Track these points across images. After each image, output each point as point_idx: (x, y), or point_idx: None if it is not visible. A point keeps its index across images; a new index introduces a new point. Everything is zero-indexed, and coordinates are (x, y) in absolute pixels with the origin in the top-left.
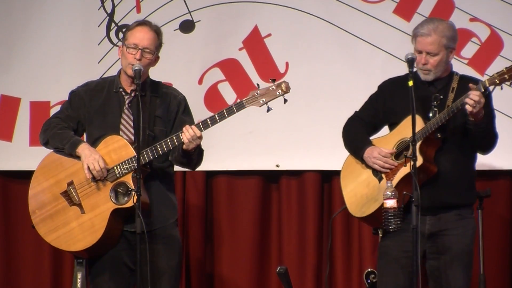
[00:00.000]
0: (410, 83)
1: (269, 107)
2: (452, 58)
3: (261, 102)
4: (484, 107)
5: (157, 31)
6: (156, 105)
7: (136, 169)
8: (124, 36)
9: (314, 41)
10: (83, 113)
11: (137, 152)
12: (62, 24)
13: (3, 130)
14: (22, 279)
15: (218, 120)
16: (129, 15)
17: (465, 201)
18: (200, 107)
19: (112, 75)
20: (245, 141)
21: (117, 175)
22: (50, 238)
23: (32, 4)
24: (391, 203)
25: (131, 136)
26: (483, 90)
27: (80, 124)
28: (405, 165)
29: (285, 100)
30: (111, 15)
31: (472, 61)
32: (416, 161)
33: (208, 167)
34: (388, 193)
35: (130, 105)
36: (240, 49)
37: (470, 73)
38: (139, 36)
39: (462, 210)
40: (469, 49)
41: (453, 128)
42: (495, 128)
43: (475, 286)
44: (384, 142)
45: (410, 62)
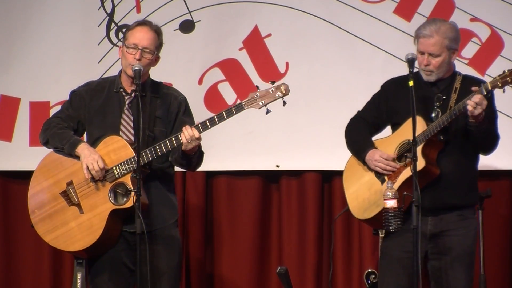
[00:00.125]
0: (411, 83)
1: (268, 109)
2: (455, 59)
3: (260, 104)
4: (486, 109)
5: (157, 31)
6: (157, 106)
7: (135, 170)
8: (124, 36)
9: (314, 41)
10: (84, 113)
11: (137, 153)
12: (62, 24)
13: (3, 130)
14: (22, 280)
15: (217, 122)
16: (129, 15)
17: (467, 202)
18: (200, 107)
19: (113, 75)
20: (245, 141)
21: (116, 176)
22: (49, 238)
23: (32, 4)
24: (392, 204)
25: (131, 137)
26: (486, 93)
27: (81, 124)
28: (405, 165)
29: (284, 103)
30: (111, 15)
31: (473, 61)
32: (417, 162)
33: (208, 167)
34: (389, 194)
35: (131, 106)
36: (240, 49)
37: (471, 74)
38: (139, 36)
39: (464, 211)
40: (470, 49)
41: (455, 130)
42: (497, 129)
43: (476, 286)
44: (387, 144)
45: (411, 62)
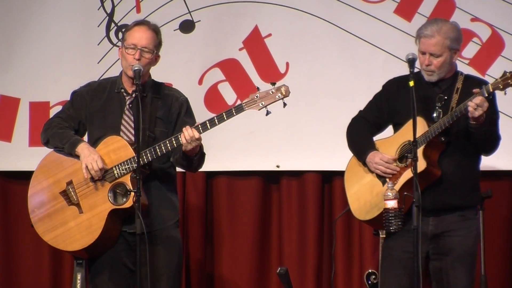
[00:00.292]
0: (411, 84)
1: (268, 111)
2: (456, 59)
3: (260, 106)
4: (487, 110)
5: (156, 30)
6: (158, 106)
7: (135, 170)
8: (123, 37)
9: (315, 41)
10: (85, 113)
11: (137, 153)
12: (62, 24)
13: (3, 131)
14: (22, 280)
15: (217, 123)
16: (129, 15)
17: (469, 203)
18: (200, 108)
19: (115, 76)
20: (246, 142)
21: (116, 176)
22: (48, 237)
23: (32, 4)
24: (392, 204)
25: (132, 137)
26: (487, 95)
27: (82, 124)
28: (406, 165)
29: (285, 104)
30: (111, 15)
31: (473, 61)
32: (417, 162)
33: (208, 168)
34: (389, 194)
35: (131, 106)
36: (240, 49)
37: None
38: (137, 36)
39: (466, 211)
40: (470, 49)
41: (457, 131)
42: (498, 130)
43: (477, 287)
44: (388, 144)
45: (411, 62)
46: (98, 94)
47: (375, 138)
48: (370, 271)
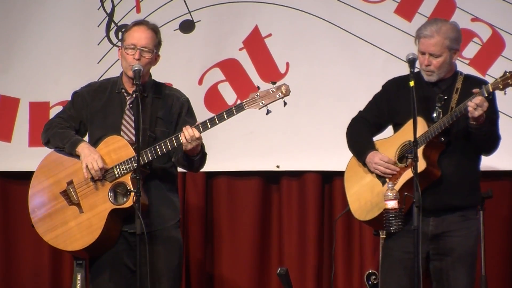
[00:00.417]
0: (411, 84)
1: (269, 110)
2: (456, 59)
3: (261, 105)
4: (487, 110)
5: (155, 30)
6: (158, 106)
7: (135, 170)
8: (122, 38)
9: (315, 41)
10: (85, 113)
11: (137, 153)
12: (62, 24)
13: (2, 131)
14: (22, 280)
15: (217, 122)
16: (129, 15)
17: (469, 203)
18: (200, 108)
19: (115, 76)
20: (246, 142)
21: (116, 175)
22: (48, 237)
23: (32, 4)
24: (392, 204)
25: (132, 137)
26: (487, 95)
27: (83, 125)
28: (406, 165)
29: (285, 103)
30: (111, 15)
31: (474, 62)
32: (418, 162)
33: (208, 168)
34: (389, 194)
35: (132, 106)
36: (241, 49)
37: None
38: (137, 36)
39: (466, 212)
40: (471, 49)
41: (457, 132)
42: (498, 130)
43: (477, 287)
44: (388, 145)
45: (411, 63)
46: (99, 95)
47: (375, 139)
48: (370, 272)
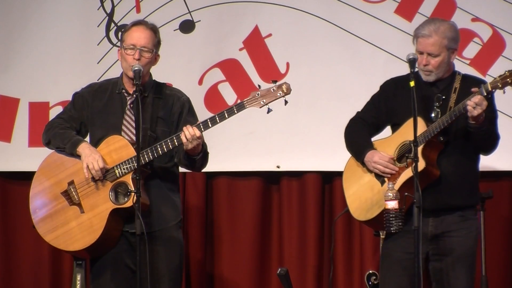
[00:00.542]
0: (412, 84)
1: (270, 108)
2: (454, 59)
3: (262, 103)
4: (486, 109)
5: (154, 29)
6: (159, 106)
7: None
8: (121, 39)
9: (315, 41)
10: (86, 114)
11: (137, 153)
12: (61, 24)
13: (2, 131)
14: (22, 281)
15: (218, 121)
16: (129, 15)
17: (468, 203)
18: (200, 108)
19: (116, 77)
20: (246, 142)
21: (117, 175)
22: (49, 238)
23: (31, 4)
24: (393, 205)
25: (133, 137)
26: (486, 94)
27: (83, 125)
28: (406, 166)
29: (286, 102)
30: (111, 15)
31: (474, 62)
32: (418, 162)
33: (208, 168)
34: (389, 195)
35: (132, 106)
36: (241, 49)
37: (472, 74)
38: (136, 36)
39: (465, 212)
40: (471, 50)
41: (456, 131)
42: (497, 129)
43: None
44: (386, 145)
45: (412, 63)
46: (100, 95)
47: (373, 139)
48: (371, 272)
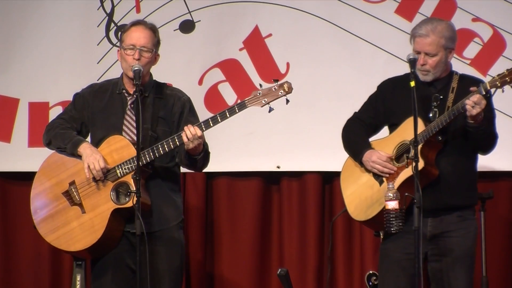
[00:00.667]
0: (412, 84)
1: (271, 107)
2: (452, 58)
3: (263, 102)
4: (485, 109)
5: (153, 29)
6: (160, 106)
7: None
8: (121, 39)
9: (315, 41)
10: (87, 114)
11: (137, 153)
12: (61, 24)
13: (2, 131)
14: (21, 281)
15: (220, 120)
16: (129, 15)
17: (467, 203)
18: (200, 108)
19: (116, 77)
20: (246, 142)
21: (119, 175)
22: (51, 238)
23: (31, 4)
24: (393, 205)
25: (134, 137)
26: (484, 93)
27: (84, 126)
28: (407, 167)
29: (287, 101)
30: (111, 15)
31: (475, 62)
32: (418, 163)
33: (208, 168)
34: (390, 195)
35: (133, 106)
36: (241, 49)
37: (473, 74)
38: (135, 36)
39: (464, 212)
40: (472, 50)
41: (454, 131)
42: (495, 129)
43: None
44: (384, 145)
45: (412, 63)
46: (100, 95)
47: (371, 139)
48: (371, 272)
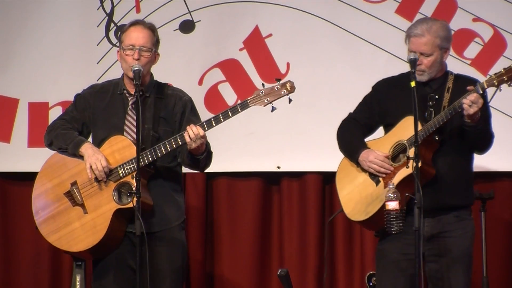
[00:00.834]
0: (413, 84)
1: (274, 107)
2: (447, 58)
3: (266, 102)
4: (481, 108)
5: (152, 28)
6: (161, 106)
7: (140, 169)
8: (120, 40)
9: (316, 41)
10: (88, 115)
11: (137, 153)
12: (61, 24)
13: (1, 131)
14: (21, 282)
15: (222, 120)
16: (129, 15)
17: (463, 202)
18: (200, 108)
19: (117, 78)
20: (246, 143)
21: (121, 175)
22: (52, 239)
23: (31, 4)
24: (393, 205)
25: (135, 137)
26: (481, 92)
27: (85, 126)
28: (408, 167)
29: (290, 100)
30: (110, 15)
31: (475, 62)
32: (419, 163)
33: (208, 169)
34: (390, 195)
35: (134, 106)
36: (241, 50)
37: (473, 74)
38: (134, 36)
39: (461, 212)
40: (472, 50)
41: (450, 130)
42: (491, 128)
43: None
44: (380, 145)
45: (413, 63)
46: (101, 96)
47: (367, 139)
48: (371, 273)
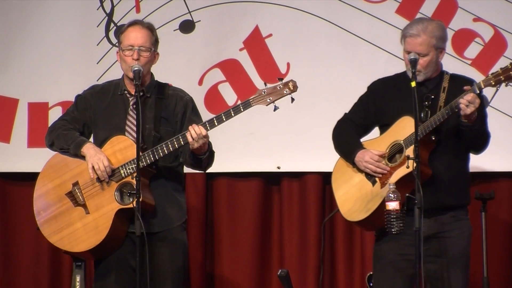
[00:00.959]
0: (413, 84)
1: (276, 106)
2: (442, 58)
3: (268, 101)
4: (478, 108)
5: (150, 28)
6: (162, 106)
7: (142, 169)
8: (119, 40)
9: (316, 42)
10: (89, 115)
11: (137, 153)
12: (61, 24)
13: (1, 132)
14: (21, 282)
15: (224, 119)
16: (128, 15)
17: (460, 202)
18: (200, 108)
19: (117, 78)
20: (246, 143)
21: (123, 175)
22: (54, 239)
23: (30, 4)
24: (394, 206)
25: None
26: (478, 92)
27: (86, 127)
28: (408, 167)
29: (292, 99)
30: (110, 15)
31: (476, 62)
32: (419, 163)
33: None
34: (390, 195)
35: (135, 106)
36: (241, 50)
37: (474, 74)
38: (133, 36)
39: (457, 212)
40: (473, 50)
41: (447, 130)
42: (488, 128)
43: None
44: (376, 145)
45: (413, 63)
46: (102, 96)
47: (362, 140)
48: (372, 273)
